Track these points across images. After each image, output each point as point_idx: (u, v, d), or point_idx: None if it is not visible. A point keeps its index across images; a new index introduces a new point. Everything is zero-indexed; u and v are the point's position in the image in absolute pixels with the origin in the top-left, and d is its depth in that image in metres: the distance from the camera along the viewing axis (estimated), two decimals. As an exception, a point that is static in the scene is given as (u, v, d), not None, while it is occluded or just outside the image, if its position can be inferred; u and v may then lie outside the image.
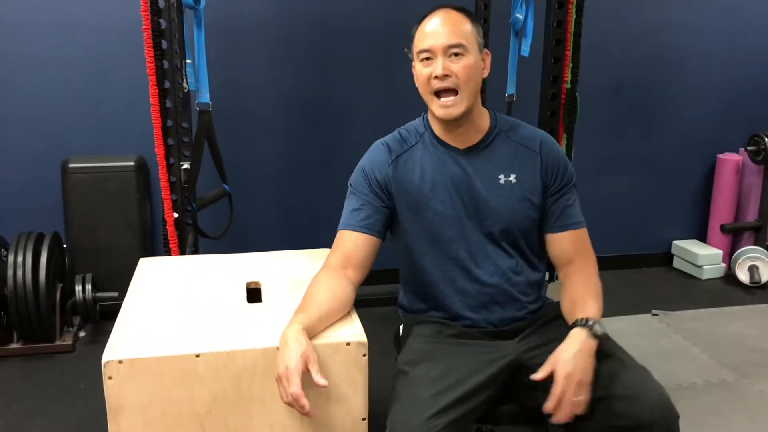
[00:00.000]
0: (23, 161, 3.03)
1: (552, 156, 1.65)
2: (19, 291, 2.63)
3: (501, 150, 1.65)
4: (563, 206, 1.65)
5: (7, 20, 2.89)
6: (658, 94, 3.63)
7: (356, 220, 1.63)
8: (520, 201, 1.62)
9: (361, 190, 1.66)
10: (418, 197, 1.63)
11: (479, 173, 1.63)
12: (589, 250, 1.67)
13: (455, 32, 1.55)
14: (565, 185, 1.65)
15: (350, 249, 1.62)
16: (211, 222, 2.79)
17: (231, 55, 3.08)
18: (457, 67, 1.54)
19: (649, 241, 3.85)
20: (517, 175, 1.63)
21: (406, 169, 1.65)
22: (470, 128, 1.63)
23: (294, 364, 1.34)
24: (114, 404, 1.38)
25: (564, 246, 1.65)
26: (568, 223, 1.65)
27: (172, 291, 1.70)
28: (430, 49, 1.55)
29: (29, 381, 2.57)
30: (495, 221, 1.62)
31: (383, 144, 1.69)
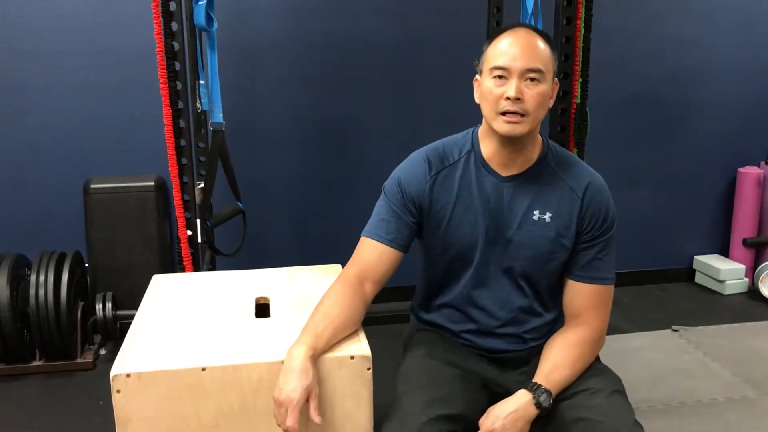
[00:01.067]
0: (46, 182, 3.10)
1: (595, 204, 1.57)
2: (41, 309, 2.69)
3: (544, 185, 1.58)
4: (592, 257, 1.58)
5: (31, 46, 2.97)
6: (678, 109, 3.61)
7: (383, 230, 1.60)
8: (550, 241, 1.57)
9: (393, 201, 1.62)
10: (450, 217, 1.60)
11: (514, 205, 1.57)
12: (602, 309, 1.60)
13: (537, 56, 1.48)
14: (600, 236, 1.58)
15: (371, 260, 1.59)
16: (228, 240, 2.83)
17: (245, 76, 3.13)
18: (531, 93, 1.47)
19: (670, 257, 3.81)
20: (553, 215, 1.56)
21: (444, 188, 1.60)
22: (520, 155, 1.56)
23: (296, 397, 1.35)
24: (122, 417, 1.40)
25: (578, 296, 1.60)
26: (591, 275, 1.58)
27: (182, 306, 1.73)
28: (506, 68, 1.47)
29: (50, 398, 2.62)
30: (517, 256, 1.58)
31: (425, 158, 1.62)
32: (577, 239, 1.57)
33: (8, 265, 2.71)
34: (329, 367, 1.45)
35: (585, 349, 1.56)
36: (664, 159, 3.65)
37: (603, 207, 1.58)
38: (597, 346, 1.60)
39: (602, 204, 1.58)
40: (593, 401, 1.47)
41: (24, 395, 2.63)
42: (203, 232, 2.40)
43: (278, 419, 1.38)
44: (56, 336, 2.72)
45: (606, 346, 1.67)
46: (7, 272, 2.69)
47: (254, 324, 1.63)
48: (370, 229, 1.62)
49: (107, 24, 3.01)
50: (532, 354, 1.63)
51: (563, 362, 1.53)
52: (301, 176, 3.31)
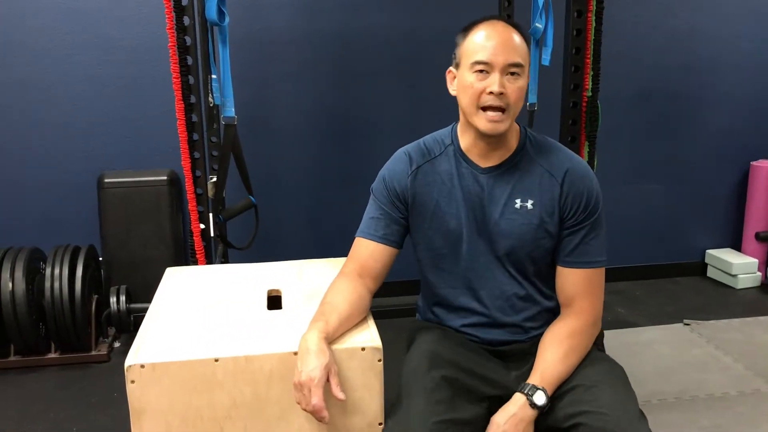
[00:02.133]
0: (61, 176, 3.14)
1: (575, 188, 1.56)
2: (56, 302, 2.72)
3: (524, 173, 1.59)
4: (579, 242, 1.57)
5: (45, 42, 3.00)
6: (690, 102, 3.59)
7: (374, 229, 1.64)
8: (534, 228, 1.57)
9: (380, 199, 1.66)
10: (434, 211, 1.62)
11: (495, 195, 1.59)
12: (594, 294, 1.59)
13: (517, 51, 1.50)
14: (584, 220, 1.56)
15: (366, 258, 1.63)
16: (240, 233, 2.85)
17: (257, 70, 3.15)
18: (513, 88, 1.49)
19: (682, 251, 3.80)
20: (535, 201, 1.57)
21: (426, 182, 1.63)
22: (498, 146, 1.59)
23: (317, 375, 1.36)
24: (136, 407, 1.42)
25: (568, 282, 1.59)
26: (579, 260, 1.58)
27: (195, 299, 1.75)
28: (489, 63, 1.48)
29: (66, 390, 2.65)
30: (503, 245, 1.59)
31: (405, 154, 1.67)
32: (561, 225, 1.57)
33: (24, 259, 2.74)
34: (341, 359, 1.46)
35: (578, 340, 1.55)
36: (676, 152, 3.63)
37: (584, 190, 1.56)
38: (590, 333, 1.59)
39: (583, 187, 1.56)
40: (594, 394, 1.46)
41: (40, 387, 2.66)
42: (216, 225, 2.42)
43: (302, 402, 1.39)
44: (71, 329, 2.75)
45: (617, 339, 1.67)
46: (23, 266, 2.72)
47: (266, 316, 1.64)
48: (362, 228, 1.67)
49: (120, 19, 3.03)
50: (535, 345, 1.61)
51: (556, 357, 1.52)
52: (313, 170, 3.32)
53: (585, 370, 1.54)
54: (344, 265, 1.67)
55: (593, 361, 1.57)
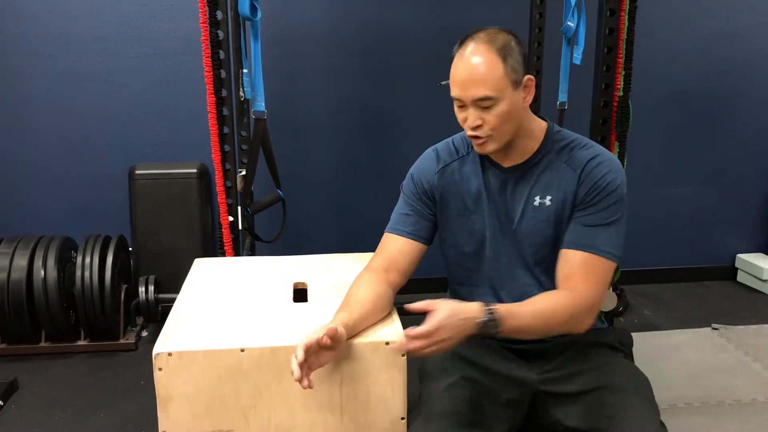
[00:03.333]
0: (93, 168, 3.19)
1: (592, 174, 1.52)
2: (87, 291, 2.77)
3: (544, 171, 1.57)
4: (586, 225, 1.51)
5: (80, 33, 3.05)
6: (723, 103, 3.53)
7: (403, 224, 1.66)
8: (552, 224, 1.55)
9: (409, 196, 1.68)
10: (461, 209, 1.63)
11: (517, 194, 1.58)
12: (591, 279, 1.49)
13: (483, 84, 1.45)
14: (595, 204, 1.51)
15: (394, 253, 1.65)
16: (268, 226, 2.87)
17: (288, 65, 3.17)
18: (490, 117, 1.48)
19: (713, 254, 3.74)
20: (553, 197, 1.55)
21: (452, 180, 1.64)
22: (514, 151, 1.58)
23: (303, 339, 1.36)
24: (163, 394, 1.44)
25: (567, 264, 1.52)
26: (580, 242, 1.50)
27: (222, 289, 1.77)
28: (460, 99, 1.50)
29: (94, 376, 2.70)
30: (526, 245, 1.58)
31: (434, 151, 1.70)
32: (573, 211, 1.54)
33: (56, 248, 2.80)
34: (364, 353, 1.47)
35: (561, 309, 1.48)
36: (708, 154, 3.58)
37: (600, 177, 1.51)
38: (580, 315, 1.49)
39: (600, 173, 1.52)
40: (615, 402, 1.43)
41: (69, 373, 2.72)
42: (244, 218, 2.45)
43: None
44: (100, 317, 2.79)
45: (644, 342, 1.64)
46: (55, 254, 2.77)
47: (292, 308, 1.66)
48: (391, 224, 1.68)
49: (154, 12, 3.07)
50: (557, 345, 1.60)
51: (529, 310, 1.47)
52: (341, 165, 3.34)
53: (608, 376, 1.51)
54: (371, 259, 1.68)
55: (618, 368, 1.55)
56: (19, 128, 3.13)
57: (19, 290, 2.71)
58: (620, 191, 1.52)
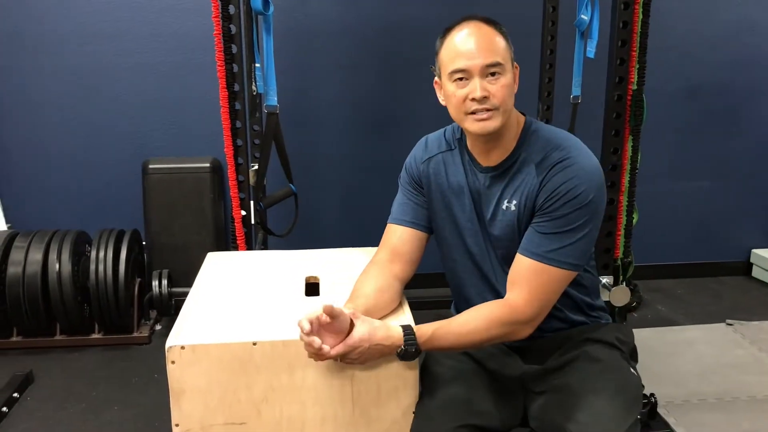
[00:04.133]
0: (107, 162, 3.21)
1: (553, 181, 1.45)
2: (101, 284, 2.79)
3: (515, 173, 1.53)
4: (539, 231, 1.46)
5: (94, 28, 3.07)
6: (737, 97, 3.50)
7: (402, 214, 1.68)
8: (515, 229, 1.52)
9: (405, 185, 1.70)
10: (448, 200, 1.62)
11: (490, 195, 1.56)
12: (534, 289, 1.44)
13: (492, 50, 1.44)
14: (553, 210, 1.45)
15: (396, 244, 1.65)
16: (280, 221, 2.88)
17: (300, 60, 3.17)
18: (495, 88, 1.44)
19: (727, 250, 3.72)
20: (517, 202, 1.51)
21: (437, 171, 1.64)
22: (497, 146, 1.54)
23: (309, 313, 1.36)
24: (176, 387, 1.45)
25: (514, 269, 1.48)
26: (531, 249, 1.46)
27: (235, 283, 1.78)
28: (465, 69, 1.45)
29: (108, 369, 2.72)
30: (498, 246, 1.57)
31: (425, 140, 1.72)
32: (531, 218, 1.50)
33: (70, 241, 2.82)
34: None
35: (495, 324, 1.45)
36: (723, 149, 3.55)
37: (562, 182, 1.44)
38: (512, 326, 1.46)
39: (561, 180, 1.44)
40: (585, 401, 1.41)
41: (83, 366, 2.74)
42: (256, 212, 2.45)
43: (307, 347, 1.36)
44: (114, 310, 2.81)
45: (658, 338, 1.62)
46: (69, 248, 2.79)
47: (304, 302, 1.66)
48: (391, 215, 1.70)
49: (166, 7, 3.08)
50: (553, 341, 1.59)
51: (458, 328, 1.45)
52: (353, 160, 3.34)
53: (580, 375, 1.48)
54: (376, 253, 1.69)
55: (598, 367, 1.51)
56: (34, 124, 3.15)
57: (35, 284, 2.73)
58: (583, 198, 1.43)
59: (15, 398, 2.45)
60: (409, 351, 1.42)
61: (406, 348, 1.42)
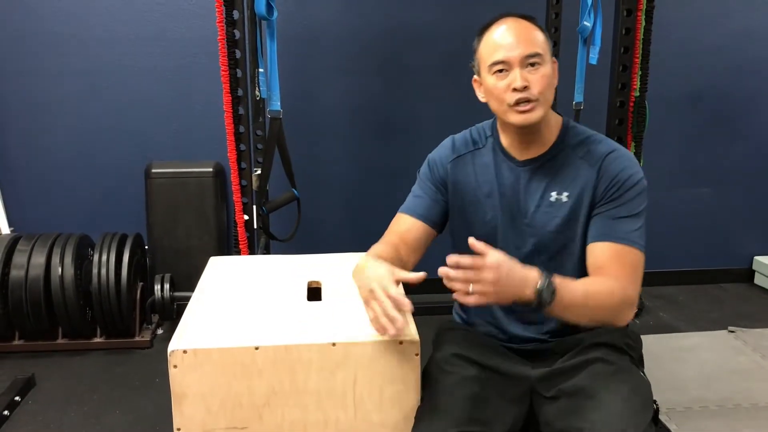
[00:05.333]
0: (110, 166, 3.22)
1: (611, 169, 1.52)
2: (103, 288, 2.79)
3: (561, 166, 1.56)
4: (608, 219, 1.50)
5: (100, 33, 3.08)
6: (740, 104, 3.50)
7: (415, 206, 1.69)
8: (567, 221, 1.54)
9: (424, 180, 1.71)
10: (471, 200, 1.63)
11: (532, 188, 1.57)
12: (627, 268, 1.48)
13: (531, 41, 1.48)
14: (615, 199, 1.51)
15: (403, 232, 1.67)
16: (283, 225, 2.89)
17: (303, 65, 3.18)
18: (535, 77, 1.47)
19: (729, 256, 3.71)
20: (570, 194, 1.54)
21: (465, 171, 1.65)
22: (536, 139, 1.57)
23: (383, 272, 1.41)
24: (178, 392, 1.45)
25: (598, 258, 1.50)
26: (608, 233, 1.49)
27: (237, 288, 1.78)
28: (505, 61, 1.48)
29: (110, 373, 2.71)
30: (538, 240, 1.56)
31: (451, 140, 1.71)
32: (591, 210, 1.52)
33: (73, 245, 2.82)
34: (378, 351, 1.47)
35: (612, 295, 1.45)
36: (725, 155, 3.55)
37: (620, 170, 1.51)
38: (622, 303, 1.47)
39: (619, 168, 1.51)
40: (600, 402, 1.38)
41: (85, 370, 2.74)
42: (259, 217, 2.46)
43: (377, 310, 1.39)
44: (116, 314, 2.82)
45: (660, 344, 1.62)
46: (72, 252, 2.80)
47: (306, 307, 1.66)
48: (405, 204, 1.72)
49: (170, 12, 3.09)
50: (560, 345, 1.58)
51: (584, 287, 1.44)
52: (355, 164, 3.34)
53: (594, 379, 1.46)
54: (383, 237, 1.70)
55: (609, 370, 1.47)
56: (37, 128, 3.16)
57: (37, 287, 2.74)
58: (641, 184, 1.52)
59: (17, 402, 2.45)
60: (549, 289, 1.36)
61: (546, 285, 1.35)
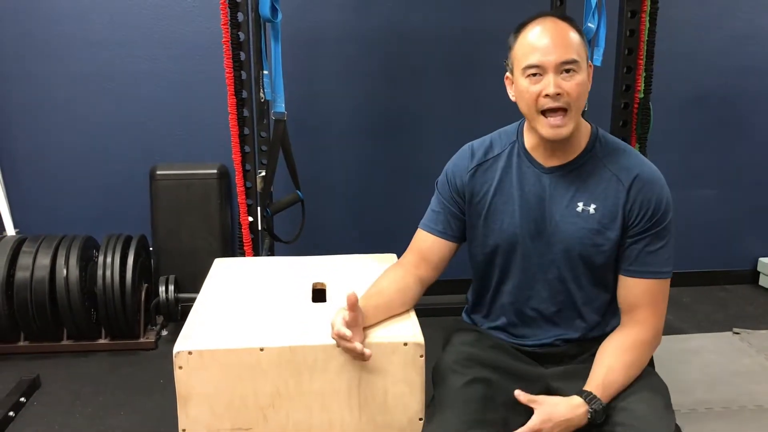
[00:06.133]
0: (115, 168, 3.22)
1: (643, 195, 1.49)
2: (108, 290, 2.79)
3: (589, 176, 1.53)
4: (643, 251, 1.50)
5: (103, 36, 3.08)
6: (745, 105, 3.50)
7: (433, 222, 1.67)
8: (594, 234, 1.51)
9: (442, 193, 1.67)
10: (490, 208, 1.60)
11: (558, 196, 1.54)
12: (658, 305, 1.52)
13: (568, 46, 1.43)
14: (650, 228, 1.49)
15: (425, 250, 1.66)
16: (287, 227, 2.89)
17: (307, 67, 3.18)
18: (570, 85, 1.42)
19: (734, 258, 3.70)
20: (597, 206, 1.51)
21: (484, 179, 1.61)
22: (565, 146, 1.53)
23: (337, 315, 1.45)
24: (183, 393, 1.46)
25: (631, 293, 1.53)
26: (642, 269, 1.51)
27: (242, 289, 1.79)
28: (540, 65, 1.43)
29: (115, 374, 2.72)
30: (561, 248, 1.54)
31: (469, 148, 1.66)
32: (624, 233, 1.51)
33: (78, 247, 2.83)
34: (383, 353, 1.48)
35: (640, 352, 1.50)
36: (729, 157, 3.54)
37: (653, 198, 1.49)
38: (652, 347, 1.53)
39: (652, 194, 1.49)
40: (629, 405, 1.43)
41: (89, 371, 2.74)
42: (263, 219, 2.46)
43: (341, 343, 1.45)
44: (121, 316, 2.82)
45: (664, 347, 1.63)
46: (77, 253, 2.80)
47: (311, 308, 1.67)
48: (424, 221, 1.69)
49: (175, 15, 3.09)
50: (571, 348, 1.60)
51: (619, 367, 1.47)
52: (360, 167, 3.34)
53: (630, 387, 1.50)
54: (404, 255, 1.70)
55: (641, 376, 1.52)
56: (43, 130, 3.17)
57: (42, 289, 2.74)
58: (669, 207, 1.52)
59: (22, 403, 2.46)
60: (598, 410, 1.42)
61: (594, 408, 1.41)
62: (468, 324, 1.75)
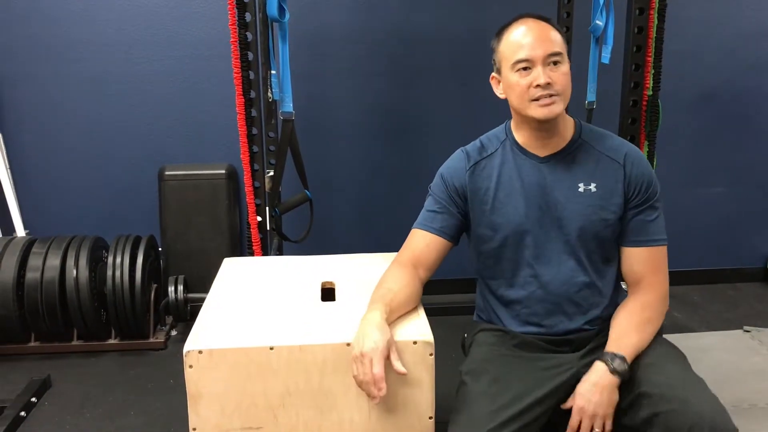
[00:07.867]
0: (123, 169, 3.23)
1: (637, 170, 1.63)
2: (117, 290, 2.80)
3: (583, 159, 1.64)
4: (643, 221, 1.63)
5: (111, 37, 3.09)
6: (754, 103, 3.48)
7: (431, 221, 1.70)
8: (599, 210, 1.61)
9: (438, 194, 1.72)
10: (493, 203, 1.65)
11: (558, 181, 1.63)
12: (661, 270, 1.66)
13: (553, 41, 1.57)
14: (647, 200, 1.62)
15: (421, 248, 1.68)
16: (295, 227, 2.89)
17: (315, 67, 3.18)
18: (557, 75, 1.56)
19: (744, 256, 3.68)
20: (597, 185, 1.62)
21: (483, 176, 1.68)
22: (555, 134, 1.64)
23: (381, 346, 1.40)
24: (193, 392, 1.46)
25: (636, 262, 1.64)
26: (645, 239, 1.63)
27: (251, 288, 1.79)
28: (529, 59, 1.55)
29: (124, 375, 2.73)
30: (572, 230, 1.62)
31: (463, 152, 1.74)
32: (625, 206, 1.62)
33: (87, 248, 2.84)
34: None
35: (651, 312, 1.61)
36: (739, 154, 3.52)
37: (645, 172, 1.63)
38: (662, 307, 1.64)
39: (644, 169, 1.63)
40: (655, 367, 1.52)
41: (99, 371, 2.75)
42: (272, 218, 2.47)
43: (360, 374, 1.41)
44: (131, 316, 2.83)
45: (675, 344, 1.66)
46: (87, 254, 2.81)
47: (320, 307, 1.67)
48: (419, 221, 1.73)
49: (184, 15, 3.10)
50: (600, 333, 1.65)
51: (631, 327, 1.57)
52: (368, 166, 3.35)
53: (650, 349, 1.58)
54: (399, 254, 1.72)
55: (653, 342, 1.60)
56: (52, 132, 3.18)
57: (52, 289, 2.76)
58: (657, 181, 1.65)
59: (33, 403, 2.47)
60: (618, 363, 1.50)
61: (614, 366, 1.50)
62: (491, 323, 1.76)
